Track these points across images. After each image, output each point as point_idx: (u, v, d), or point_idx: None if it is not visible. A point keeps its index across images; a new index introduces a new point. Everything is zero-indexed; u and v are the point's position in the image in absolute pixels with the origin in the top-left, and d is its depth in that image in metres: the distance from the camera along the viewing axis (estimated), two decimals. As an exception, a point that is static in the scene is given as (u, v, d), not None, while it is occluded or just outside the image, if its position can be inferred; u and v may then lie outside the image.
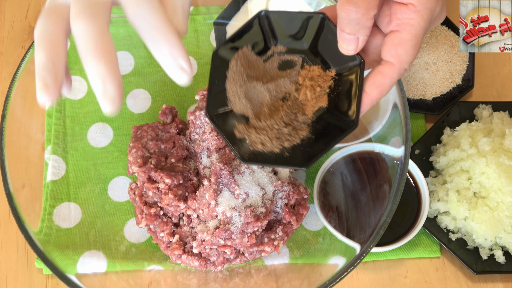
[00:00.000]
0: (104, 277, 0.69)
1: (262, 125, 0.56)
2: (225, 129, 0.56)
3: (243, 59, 0.56)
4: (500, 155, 0.72)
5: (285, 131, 0.55)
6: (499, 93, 0.85)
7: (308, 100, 0.55)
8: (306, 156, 0.54)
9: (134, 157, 0.70)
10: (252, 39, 0.57)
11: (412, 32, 0.50)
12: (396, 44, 0.50)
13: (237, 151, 0.55)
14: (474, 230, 0.72)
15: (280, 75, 0.57)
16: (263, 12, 0.55)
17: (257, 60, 0.57)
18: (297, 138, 0.55)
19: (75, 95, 0.78)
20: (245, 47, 0.56)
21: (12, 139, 0.67)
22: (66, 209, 0.72)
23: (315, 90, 0.55)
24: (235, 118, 0.56)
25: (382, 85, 0.51)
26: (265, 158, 0.55)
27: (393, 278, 0.75)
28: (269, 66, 0.57)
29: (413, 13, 0.49)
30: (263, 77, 0.57)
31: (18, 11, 0.87)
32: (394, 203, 0.60)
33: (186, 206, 0.69)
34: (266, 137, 0.55)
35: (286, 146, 0.55)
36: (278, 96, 0.56)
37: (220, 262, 0.68)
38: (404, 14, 0.49)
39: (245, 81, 0.56)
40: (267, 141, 0.55)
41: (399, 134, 0.64)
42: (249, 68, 0.57)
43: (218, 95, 0.56)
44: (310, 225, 0.75)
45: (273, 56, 0.57)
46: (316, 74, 0.55)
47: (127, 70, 0.80)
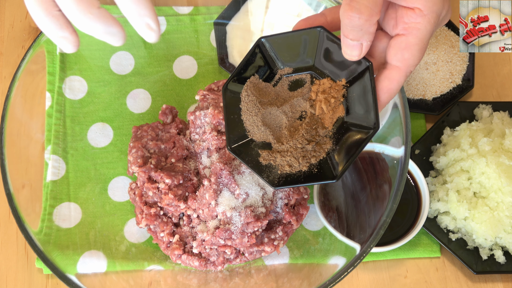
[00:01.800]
0: (104, 277, 0.69)
1: (285, 148, 0.57)
2: (250, 160, 0.58)
3: (253, 88, 0.58)
4: (500, 155, 0.72)
5: (309, 148, 0.56)
6: (499, 93, 0.85)
7: (325, 113, 0.56)
8: (335, 168, 0.55)
9: (134, 157, 0.70)
10: (257, 67, 0.58)
11: (418, 36, 0.50)
12: (403, 48, 0.50)
13: (266, 178, 0.57)
14: (474, 230, 0.72)
15: (292, 96, 0.58)
16: (262, 39, 0.56)
17: (267, 86, 0.58)
18: (323, 153, 0.56)
19: (75, 95, 0.78)
20: (252, 77, 0.58)
21: (12, 139, 0.67)
22: (66, 209, 0.72)
23: (330, 102, 0.56)
24: (257, 147, 0.58)
25: (390, 90, 0.52)
26: (295, 178, 0.57)
27: (393, 278, 0.75)
28: (280, 89, 0.58)
29: (420, 17, 0.49)
30: (276, 101, 0.58)
31: (18, 11, 0.87)
32: (394, 203, 0.60)
33: (186, 206, 0.69)
34: (292, 158, 0.57)
35: (313, 163, 0.56)
36: (295, 116, 0.57)
37: (220, 262, 0.68)
38: (410, 18, 0.49)
39: (259, 109, 0.57)
40: (294, 162, 0.57)
41: (399, 134, 0.64)
42: (260, 95, 0.58)
43: (236, 128, 0.58)
44: (310, 225, 0.75)
45: (282, 79, 0.58)
46: (327, 87, 0.56)
47: (127, 70, 0.80)
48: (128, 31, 0.79)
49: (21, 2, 0.88)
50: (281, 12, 0.79)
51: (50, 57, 0.77)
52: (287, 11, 0.79)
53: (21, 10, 0.87)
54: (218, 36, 0.82)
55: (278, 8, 0.79)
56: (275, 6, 0.79)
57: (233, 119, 0.58)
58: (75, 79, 0.78)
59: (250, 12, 0.81)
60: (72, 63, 0.79)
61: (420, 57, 0.51)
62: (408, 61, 0.50)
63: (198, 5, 0.83)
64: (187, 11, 0.83)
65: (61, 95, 0.77)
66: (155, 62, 0.82)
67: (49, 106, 0.76)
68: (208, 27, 0.83)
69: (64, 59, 0.78)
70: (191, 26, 0.83)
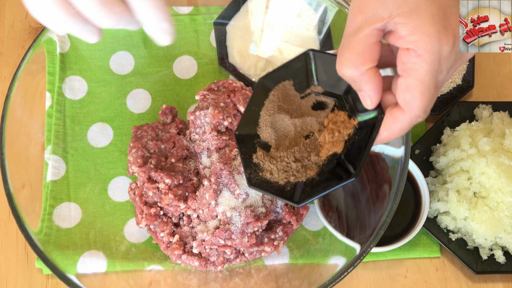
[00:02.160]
0: (104, 277, 0.69)
1: (277, 156, 0.58)
2: (245, 151, 0.60)
3: (282, 91, 0.59)
4: (500, 155, 0.72)
5: (293, 166, 0.57)
6: (499, 93, 0.85)
7: (325, 143, 0.57)
8: (303, 195, 0.56)
9: (134, 157, 0.70)
10: (296, 74, 0.59)
11: (416, 76, 0.46)
12: (404, 90, 0.47)
13: (247, 173, 0.59)
14: (474, 230, 0.72)
15: (310, 114, 0.59)
16: (310, 52, 0.56)
17: (295, 96, 0.59)
18: (304, 176, 0.57)
19: (75, 95, 0.78)
20: (287, 81, 0.59)
21: (12, 139, 0.67)
22: (66, 209, 0.72)
23: (333, 135, 0.56)
24: (258, 144, 0.59)
25: (392, 128, 0.50)
26: (269, 186, 0.58)
27: (393, 278, 0.75)
28: (304, 103, 0.59)
29: (415, 58, 0.46)
30: (294, 112, 0.59)
31: (18, 11, 0.87)
32: (394, 203, 0.60)
33: (186, 206, 0.69)
34: (275, 168, 0.58)
35: (291, 181, 0.57)
36: (302, 132, 0.58)
37: (220, 262, 0.68)
38: (407, 58, 0.47)
39: (275, 112, 0.59)
40: (275, 172, 0.58)
41: (399, 134, 0.64)
42: (284, 101, 0.59)
43: (251, 119, 0.60)
44: (310, 225, 0.75)
45: (310, 95, 0.59)
46: (340, 120, 0.56)
47: (127, 70, 0.80)
48: (128, 31, 0.80)
49: (21, 2, 0.87)
50: (281, 12, 0.79)
51: (50, 57, 0.77)
52: (287, 11, 0.79)
53: (21, 10, 0.87)
54: (218, 36, 0.82)
55: (278, 8, 0.79)
56: (275, 6, 0.79)
57: (253, 110, 0.60)
58: (75, 79, 0.78)
59: (250, 12, 0.81)
60: (72, 63, 0.79)
61: (424, 100, 0.47)
62: (411, 104, 0.47)
63: (198, 5, 0.83)
64: (187, 11, 0.83)
65: (61, 95, 0.77)
66: (155, 62, 0.82)
67: (49, 106, 0.76)
68: (208, 27, 0.83)
69: (64, 59, 0.78)
70: (191, 26, 0.83)
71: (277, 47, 0.80)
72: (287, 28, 0.79)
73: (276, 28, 0.80)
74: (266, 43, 0.81)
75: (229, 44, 0.82)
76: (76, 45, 0.78)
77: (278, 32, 0.80)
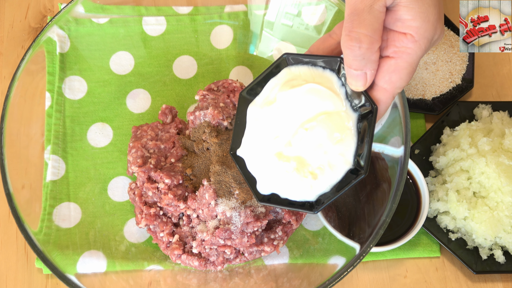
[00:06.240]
0: (104, 277, 0.69)
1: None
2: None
3: None
4: (499, 155, 0.72)
5: None
6: (499, 93, 0.85)
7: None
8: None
9: (133, 157, 0.70)
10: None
11: (408, 60, 0.49)
12: (391, 71, 0.50)
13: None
14: (474, 230, 0.72)
15: None
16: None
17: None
18: None
19: (75, 95, 0.78)
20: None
21: (12, 139, 0.67)
22: (66, 209, 0.72)
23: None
24: None
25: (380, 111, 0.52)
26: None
27: (393, 278, 0.75)
28: None
29: (411, 43, 0.49)
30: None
31: (18, 11, 0.87)
32: (394, 203, 0.60)
33: (186, 206, 0.69)
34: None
35: None
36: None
37: (220, 262, 0.68)
38: (401, 42, 0.49)
39: None
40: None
41: (399, 134, 0.64)
42: None
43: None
44: (310, 225, 0.75)
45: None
46: None
47: (127, 70, 0.80)
48: (128, 31, 0.80)
49: (21, 2, 0.88)
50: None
51: (50, 57, 0.77)
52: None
53: (21, 10, 0.87)
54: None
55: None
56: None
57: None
58: (75, 79, 0.78)
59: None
60: (72, 63, 0.78)
61: (407, 80, 0.51)
62: (395, 84, 0.50)
63: (198, 5, 0.83)
64: (187, 11, 0.83)
65: (60, 95, 0.77)
66: (155, 62, 0.82)
67: (48, 106, 0.76)
68: (208, 27, 0.83)
69: (63, 59, 0.78)
70: (191, 26, 0.83)
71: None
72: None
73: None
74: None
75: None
76: (76, 45, 0.78)
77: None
